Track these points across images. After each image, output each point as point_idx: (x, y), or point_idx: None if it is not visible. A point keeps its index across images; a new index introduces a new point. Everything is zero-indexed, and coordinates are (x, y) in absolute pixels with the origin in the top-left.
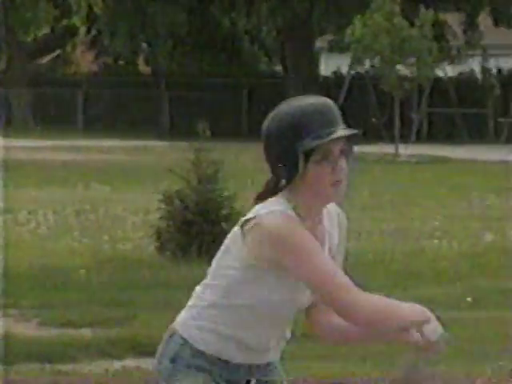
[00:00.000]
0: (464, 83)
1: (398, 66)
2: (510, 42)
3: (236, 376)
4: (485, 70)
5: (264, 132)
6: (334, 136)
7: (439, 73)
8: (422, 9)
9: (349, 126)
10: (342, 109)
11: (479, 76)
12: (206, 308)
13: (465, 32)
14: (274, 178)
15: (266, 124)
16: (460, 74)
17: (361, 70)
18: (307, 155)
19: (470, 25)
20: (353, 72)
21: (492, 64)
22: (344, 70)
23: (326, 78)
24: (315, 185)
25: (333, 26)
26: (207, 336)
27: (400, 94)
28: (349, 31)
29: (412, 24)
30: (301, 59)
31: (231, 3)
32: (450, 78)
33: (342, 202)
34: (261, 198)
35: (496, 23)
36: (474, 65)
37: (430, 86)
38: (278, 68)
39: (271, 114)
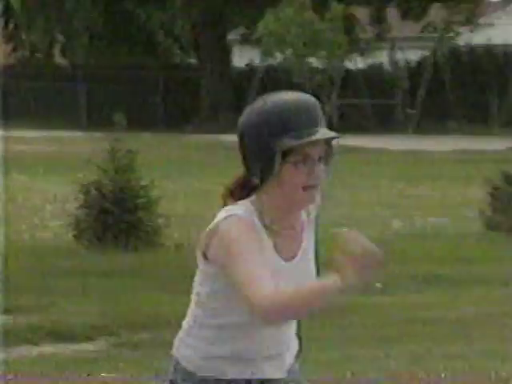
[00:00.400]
0: (373, 75)
1: (310, 59)
2: (417, 35)
3: None
4: (393, 62)
5: (240, 127)
6: (315, 138)
7: (349, 65)
8: (333, 3)
9: None
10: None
11: (388, 68)
12: (192, 328)
13: (374, 25)
14: (247, 176)
15: (241, 119)
16: (369, 66)
17: (273, 62)
18: (284, 155)
19: (379, 18)
20: (265, 64)
21: (400, 56)
22: (257, 62)
23: (239, 69)
24: (287, 187)
25: (246, 19)
26: (197, 355)
27: (311, 85)
28: (261, 24)
29: (323, 17)
30: (214, 52)
31: None
32: (360, 70)
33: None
34: (231, 195)
35: (404, 16)
36: (383, 57)
37: (341, 78)
38: (193, 60)
39: (248, 109)
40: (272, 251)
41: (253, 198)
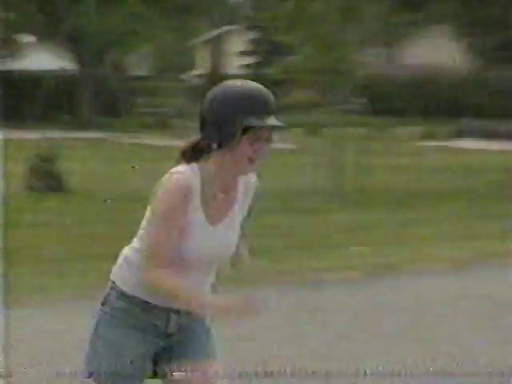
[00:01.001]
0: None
1: None
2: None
3: (155, 316)
4: None
5: (210, 97)
6: (274, 123)
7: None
8: None
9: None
10: None
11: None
12: (130, 257)
13: (5, 47)
14: (206, 141)
15: (214, 91)
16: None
17: None
18: (243, 130)
19: (9, 42)
20: None
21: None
22: None
23: None
24: (238, 156)
25: None
26: (130, 279)
27: None
28: None
29: None
30: None
31: None
32: None
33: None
34: (183, 156)
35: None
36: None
37: None
38: None
39: (223, 85)
40: (201, 213)
41: (202, 162)
